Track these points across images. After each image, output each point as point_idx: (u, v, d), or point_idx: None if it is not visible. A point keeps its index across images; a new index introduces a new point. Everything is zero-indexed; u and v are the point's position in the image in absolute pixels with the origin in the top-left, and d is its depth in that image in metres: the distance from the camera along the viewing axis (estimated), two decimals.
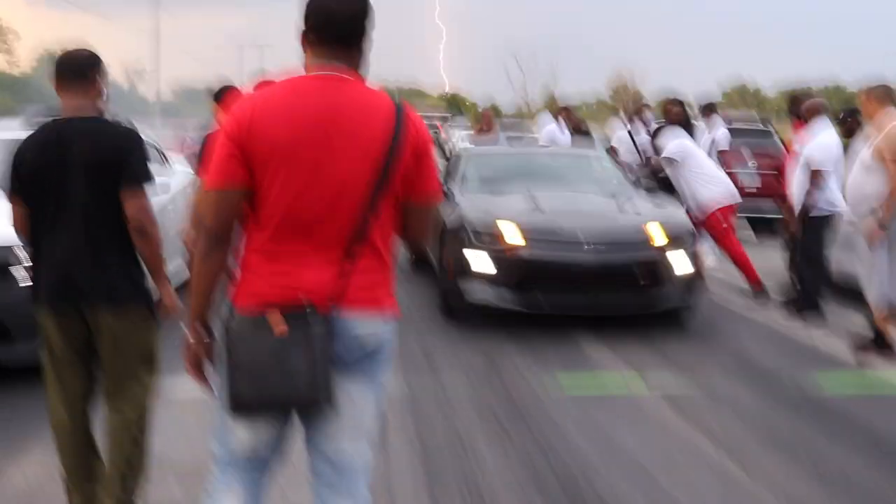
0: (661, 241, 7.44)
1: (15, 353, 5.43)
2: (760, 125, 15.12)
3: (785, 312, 8.35)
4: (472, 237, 7.43)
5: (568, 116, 13.89)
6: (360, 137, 2.56)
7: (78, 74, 3.60)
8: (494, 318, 7.49)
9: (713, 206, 9.11)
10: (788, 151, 10.65)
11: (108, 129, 3.62)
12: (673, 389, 5.95)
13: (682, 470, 4.57)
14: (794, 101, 9.24)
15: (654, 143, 10.53)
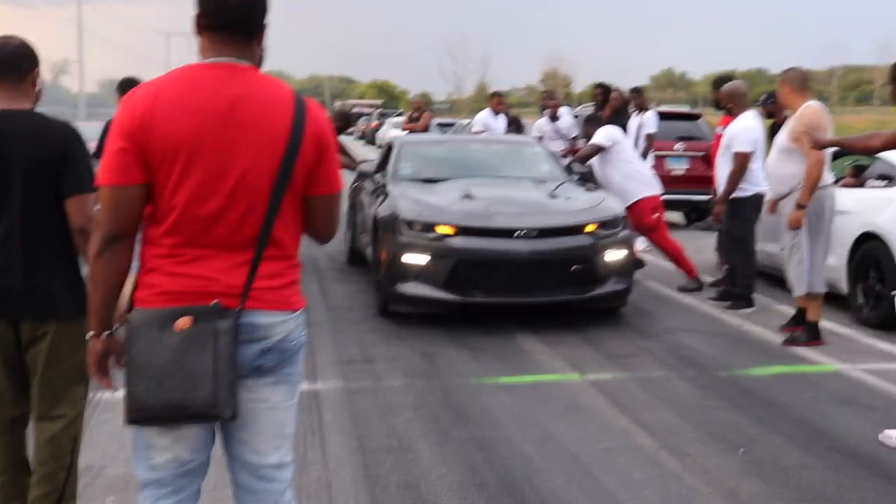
0: (593, 227, 7.48)
1: None
2: (688, 108, 15.35)
3: (714, 295, 8.48)
4: (403, 228, 7.39)
5: (499, 102, 13.86)
6: (260, 130, 2.48)
7: (11, 64, 3.37)
8: (432, 316, 7.47)
9: (638, 196, 9.11)
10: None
11: (47, 123, 3.39)
12: (609, 382, 6.00)
13: (619, 463, 4.60)
14: (717, 83, 9.35)
15: (583, 130, 10.56)
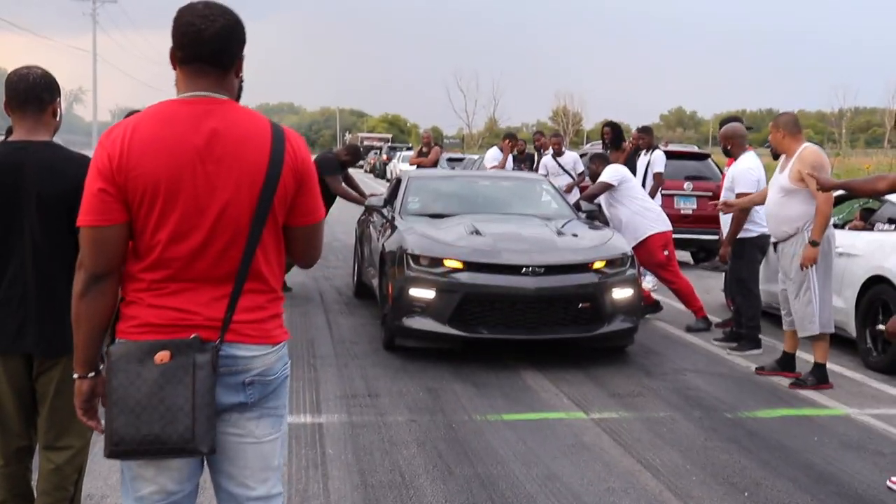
0: (600, 265, 7.48)
1: None
2: (696, 148, 15.37)
3: (721, 336, 8.46)
4: (410, 262, 7.38)
5: (513, 145, 14.37)
6: (239, 164, 2.48)
7: (33, 96, 3.40)
8: (437, 351, 7.45)
9: (648, 233, 9.13)
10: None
11: (64, 156, 3.41)
12: (614, 422, 5.96)
13: None
14: (724, 124, 9.36)
15: (589, 168, 10.60)
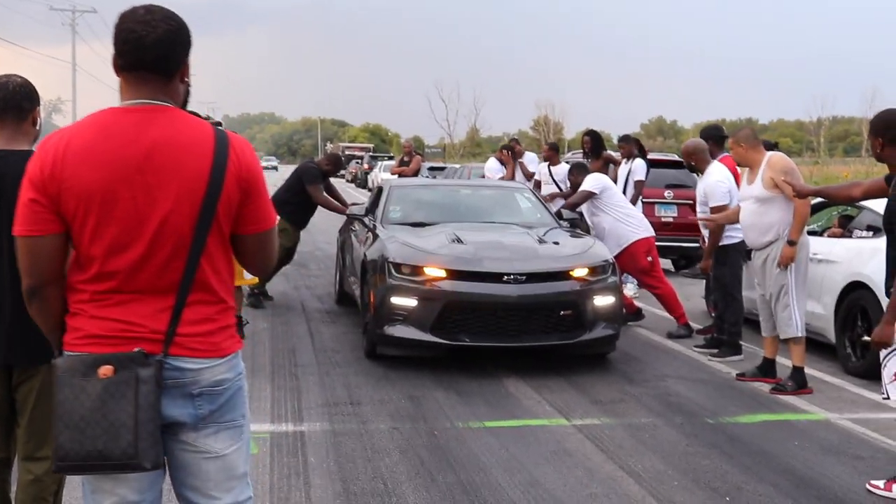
0: (582, 273, 7.50)
1: None
2: (677, 156, 15.43)
3: (702, 342, 8.49)
4: (392, 270, 7.37)
5: (508, 156, 14.42)
6: (179, 174, 2.41)
7: (13, 104, 3.37)
8: (419, 359, 7.44)
9: (632, 239, 9.18)
10: None
11: None
12: (596, 428, 5.97)
13: None
14: (704, 133, 9.36)
15: (569, 178, 10.65)
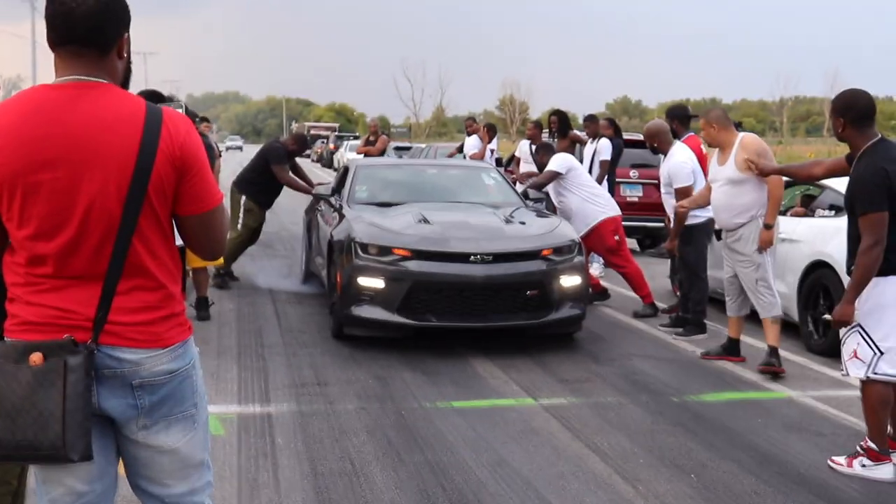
0: (547, 252, 7.52)
1: None
2: (642, 136, 15.49)
3: (667, 321, 8.56)
4: (359, 250, 7.35)
5: (487, 132, 14.54)
6: (105, 153, 2.32)
7: None
8: (386, 340, 7.44)
9: (599, 218, 9.22)
10: None
11: None
12: (563, 407, 6.01)
13: (572, 488, 4.61)
14: (669, 112, 9.39)
15: (534, 158, 10.66)
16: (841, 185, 7.71)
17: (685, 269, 8.30)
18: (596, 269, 10.71)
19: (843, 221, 7.49)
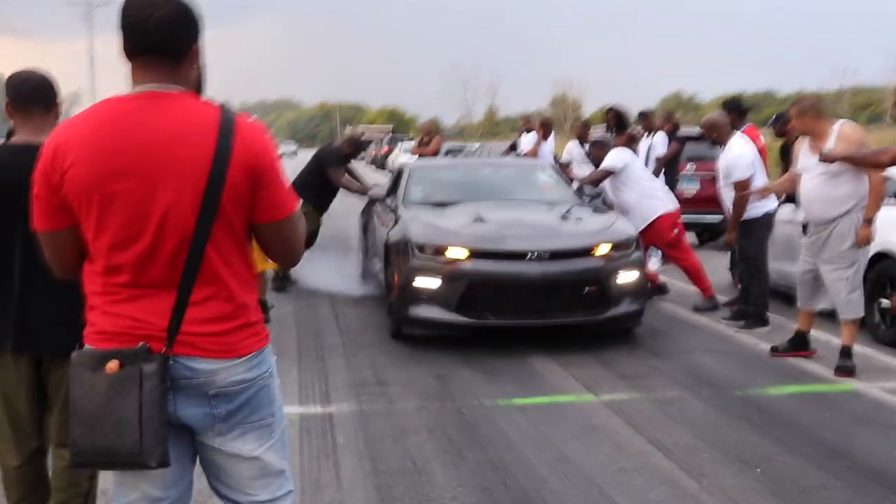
0: (605, 249, 7.46)
1: None
2: (698, 130, 15.30)
3: (728, 314, 8.44)
4: (415, 251, 7.37)
5: (542, 128, 14.37)
6: (178, 163, 2.31)
7: (39, 96, 3.39)
8: (445, 338, 7.45)
9: (657, 213, 9.13)
10: None
11: None
12: (624, 403, 5.95)
13: (635, 484, 4.56)
14: (725, 106, 9.31)
15: (589, 154, 10.56)
16: None
17: (745, 262, 8.19)
18: (654, 263, 10.60)
19: None
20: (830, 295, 6.66)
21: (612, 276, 7.38)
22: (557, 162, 13.18)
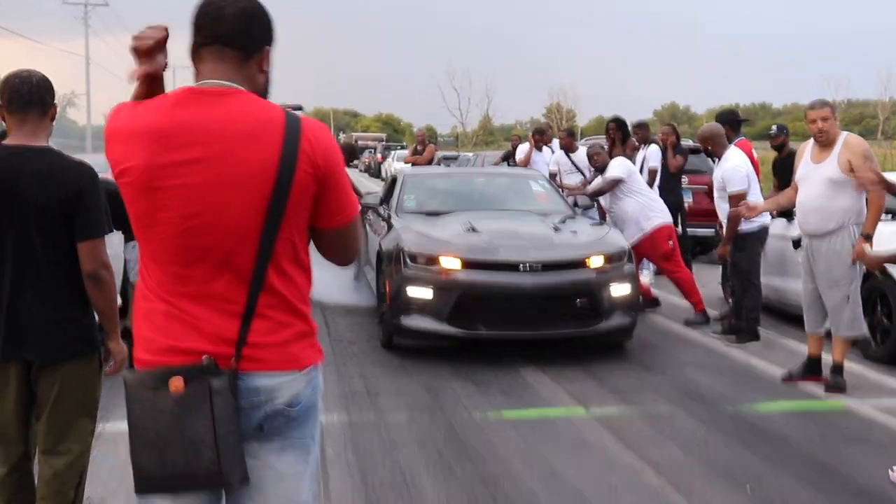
0: (598, 261, 7.43)
1: None
2: (692, 142, 15.31)
3: (720, 329, 8.44)
4: (408, 260, 7.34)
5: (539, 139, 14.18)
6: (244, 165, 2.18)
7: (37, 98, 3.34)
8: (436, 349, 7.42)
9: (655, 225, 9.12)
10: None
11: (63, 163, 3.35)
12: (614, 417, 5.94)
13: (625, 500, 4.54)
14: (719, 118, 9.33)
15: (593, 159, 10.50)
16: None
17: (738, 275, 8.18)
18: (646, 276, 10.58)
19: None
20: (830, 314, 6.55)
21: (604, 288, 7.36)
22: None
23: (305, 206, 2.27)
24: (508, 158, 15.52)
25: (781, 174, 9.86)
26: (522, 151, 14.53)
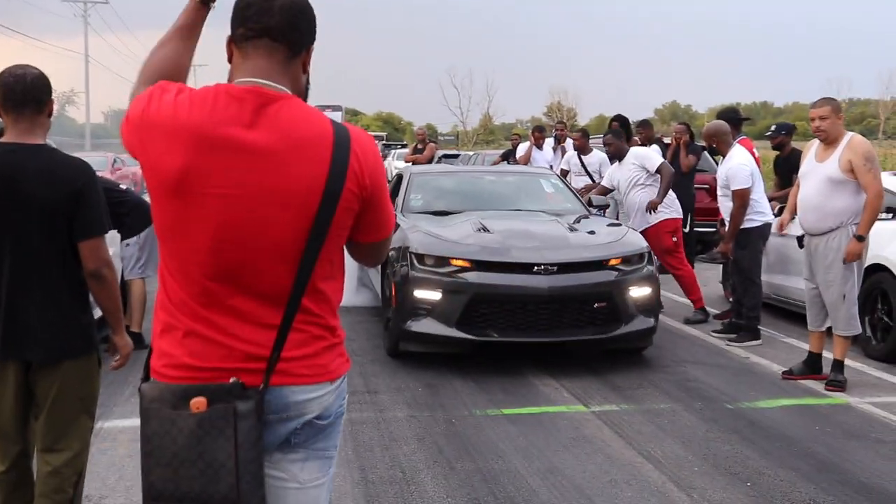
0: (616, 261, 7.12)
1: None
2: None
3: (720, 327, 8.44)
4: (415, 261, 7.02)
5: (539, 137, 14.12)
6: (290, 179, 2.05)
7: (31, 96, 3.31)
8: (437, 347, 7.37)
9: (662, 216, 9.03)
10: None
11: (61, 161, 3.34)
12: (615, 414, 5.94)
13: (625, 496, 4.55)
14: (720, 116, 9.31)
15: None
16: None
17: (739, 273, 8.18)
18: None
19: None
20: (829, 311, 6.58)
21: (623, 290, 7.00)
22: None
23: (348, 224, 2.17)
24: (508, 157, 15.51)
25: (782, 173, 9.88)
26: (523, 149, 14.49)
